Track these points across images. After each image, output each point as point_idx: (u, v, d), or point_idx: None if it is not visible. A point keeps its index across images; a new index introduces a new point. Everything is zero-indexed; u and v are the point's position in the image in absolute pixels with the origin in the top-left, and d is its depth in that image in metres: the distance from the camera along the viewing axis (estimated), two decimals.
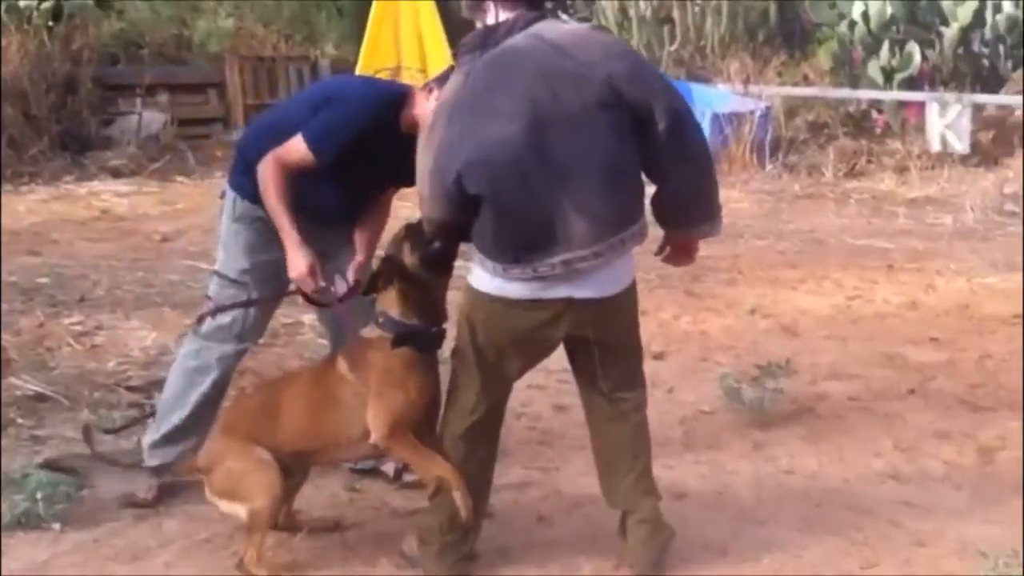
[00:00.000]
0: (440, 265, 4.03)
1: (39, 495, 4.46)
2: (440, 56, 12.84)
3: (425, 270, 4.00)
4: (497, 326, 3.90)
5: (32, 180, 12.20)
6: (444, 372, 4.10)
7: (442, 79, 4.23)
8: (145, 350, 6.66)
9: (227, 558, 4.19)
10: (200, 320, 4.68)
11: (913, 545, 4.37)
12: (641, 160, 3.83)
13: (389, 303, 4.04)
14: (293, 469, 4.14)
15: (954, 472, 5.09)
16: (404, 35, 12.17)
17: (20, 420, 5.53)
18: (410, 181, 4.05)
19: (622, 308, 4.01)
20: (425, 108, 4.21)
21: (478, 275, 3.89)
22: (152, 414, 4.93)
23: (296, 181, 4.34)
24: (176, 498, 4.73)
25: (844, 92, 15.69)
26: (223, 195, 4.73)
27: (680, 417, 5.75)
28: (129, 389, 5.99)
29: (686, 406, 5.92)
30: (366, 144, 4.32)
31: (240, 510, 4.02)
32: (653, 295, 8.09)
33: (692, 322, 7.58)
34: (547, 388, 6.12)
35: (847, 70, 16.05)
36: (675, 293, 8.23)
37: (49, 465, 4.76)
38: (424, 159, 3.83)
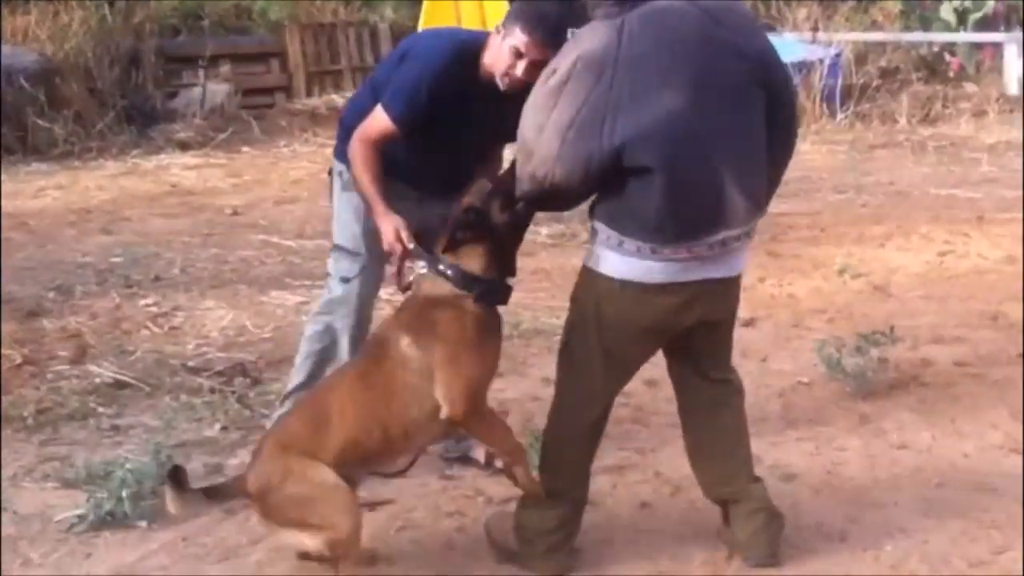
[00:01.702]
0: (525, 226, 3.83)
1: (124, 492, 4.33)
2: (501, 16, 12.66)
3: (512, 230, 3.78)
4: (631, 313, 3.64)
5: (100, 155, 12.16)
6: None
7: (509, 14, 4.03)
8: (223, 331, 6.54)
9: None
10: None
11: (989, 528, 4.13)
12: None
13: (469, 258, 3.71)
14: (352, 480, 3.75)
15: None
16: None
17: (101, 409, 5.42)
18: (513, 136, 3.79)
19: (737, 288, 3.83)
20: (496, 48, 4.04)
21: (608, 258, 3.61)
22: None
23: (393, 152, 4.20)
24: None
25: (916, 35, 15.32)
26: (330, 171, 4.65)
27: (778, 389, 5.52)
28: (210, 374, 5.85)
29: (783, 377, 5.69)
30: (451, 101, 4.12)
31: (314, 540, 3.62)
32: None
33: (778, 285, 7.34)
34: None
35: (918, 13, 15.65)
36: (756, 254, 7.91)
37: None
38: (552, 117, 3.49)
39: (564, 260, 7.84)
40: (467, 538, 4.19)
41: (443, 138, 4.24)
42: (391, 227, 4.06)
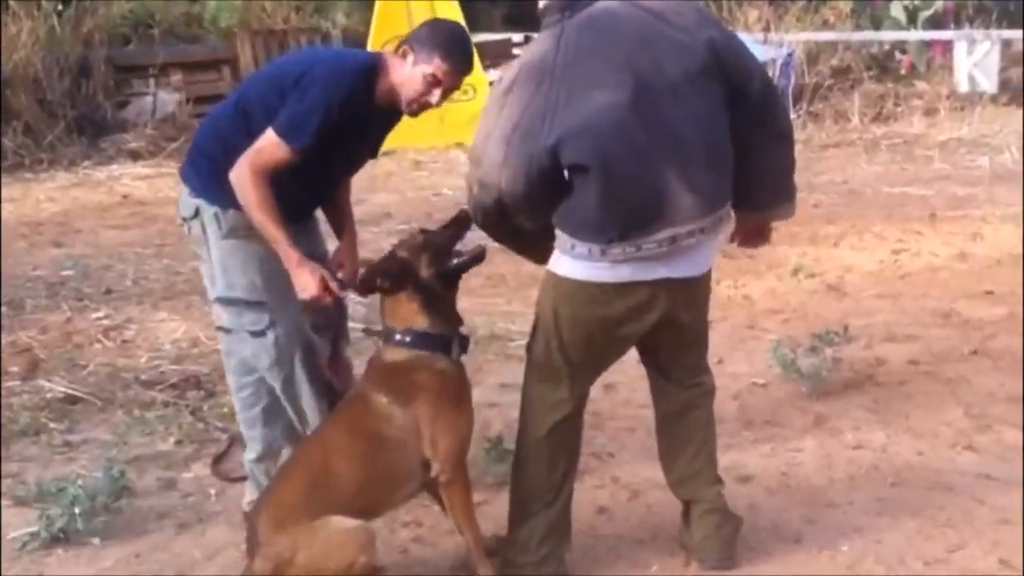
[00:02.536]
0: (455, 280, 3.82)
1: (77, 509, 4.28)
2: (452, 18, 12.67)
3: (440, 285, 3.77)
4: (588, 315, 3.63)
5: (51, 167, 12.05)
6: None
7: (418, 40, 3.90)
8: (176, 343, 6.48)
9: None
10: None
11: (999, 523, 4.14)
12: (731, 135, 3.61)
13: (407, 317, 3.73)
14: None
15: None
16: (415, 3, 11.97)
17: (52, 425, 5.36)
18: (376, 154, 3.91)
19: (706, 288, 3.82)
20: (404, 74, 3.91)
21: (564, 261, 3.60)
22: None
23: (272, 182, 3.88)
24: (217, 502, 4.58)
25: (867, 34, 15.43)
26: (196, 215, 4.11)
27: (734, 391, 5.51)
28: (163, 387, 5.80)
29: (739, 379, 5.68)
30: (342, 124, 3.91)
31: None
32: None
33: (733, 286, 7.35)
34: None
35: (868, 12, 15.76)
36: None
37: None
38: (498, 123, 3.50)
39: (519, 266, 7.77)
40: (423, 547, 4.17)
41: (328, 164, 4.04)
42: (315, 278, 3.85)
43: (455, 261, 3.79)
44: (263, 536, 3.56)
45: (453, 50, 3.91)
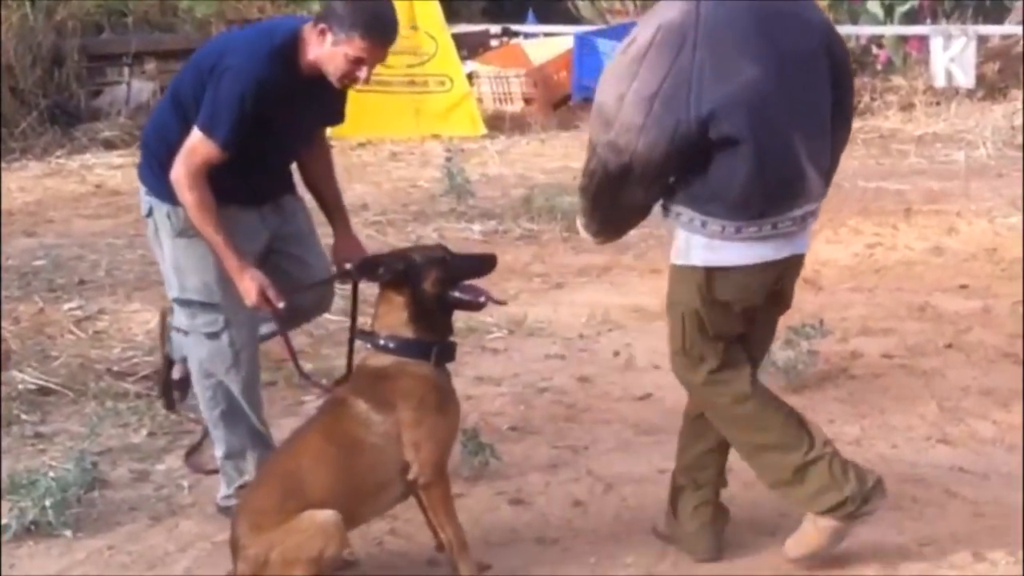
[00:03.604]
0: (450, 308, 3.77)
1: (48, 501, 4.23)
2: (430, 12, 12.64)
3: (436, 305, 3.73)
4: (732, 299, 3.60)
5: (23, 156, 11.93)
6: None
7: (336, 18, 3.77)
8: (149, 334, 6.41)
9: None
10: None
11: (972, 516, 4.17)
12: None
13: (395, 324, 3.70)
14: None
15: (1005, 433, 4.86)
16: None
17: (24, 416, 5.30)
18: (340, 118, 3.90)
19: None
20: (324, 52, 3.81)
21: (696, 248, 3.57)
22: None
23: (218, 175, 3.83)
24: (189, 495, 4.55)
25: (844, 28, 15.39)
26: (150, 213, 4.09)
27: None
28: (136, 378, 5.75)
29: None
30: (275, 106, 3.83)
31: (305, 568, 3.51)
32: (667, 251, 7.85)
33: None
34: (568, 358, 5.94)
35: (846, 6, 15.77)
36: None
37: None
38: (634, 86, 3.41)
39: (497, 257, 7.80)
40: (398, 539, 4.14)
41: (271, 145, 3.97)
42: (253, 285, 3.83)
43: (456, 295, 3.74)
44: (243, 540, 3.56)
45: (373, 26, 3.79)
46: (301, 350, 5.11)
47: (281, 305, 3.88)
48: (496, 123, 12.86)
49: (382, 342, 3.71)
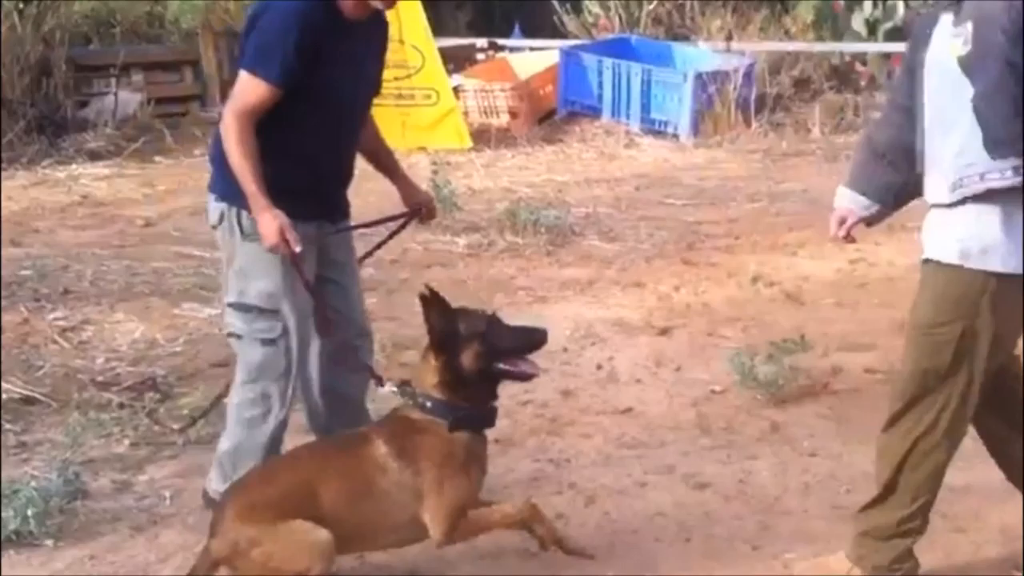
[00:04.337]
0: (495, 381, 3.71)
1: (30, 510, 4.25)
2: (416, 22, 12.66)
3: (477, 379, 3.65)
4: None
5: (10, 166, 11.90)
6: None
7: None
8: (133, 344, 6.44)
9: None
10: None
11: (953, 532, 4.18)
12: None
13: (429, 388, 3.65)
14: None
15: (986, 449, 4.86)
16: None
17: (7, 425, 5.30)
18: (379, 86, 3.91)
19: None
20: None
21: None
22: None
23: (281, 152, 3.85)
24: (171, 505, 4.56)
25: (828, 46, 15.49)
26: (221, 219, 4.07)
27: (692, 399, 5.55)
28: (119, 389, 5.75)
29: (696, 386, 5.72)
30: (322, 51, 3.82)
31: None
32: (650, 265, 7.94)
33: (693, 293, 7.38)
34: (551, 371, 5.92)
35: (830, 23, 15.85)
36: (672, 263, 8.04)
37: None
38: None
39: (481, 270, 7.86)
40: (379, 554, 4.14)
41: (324, 100, 3.93)
42: (274, 225, 3.78)
43: (502, 367, 3.67)
44: (227, 521, 3.57)
45: None
46: None
47: (298, 249, 3.84)
48: (482, 137, 12.88)
49: (419, 399, 3.66)
